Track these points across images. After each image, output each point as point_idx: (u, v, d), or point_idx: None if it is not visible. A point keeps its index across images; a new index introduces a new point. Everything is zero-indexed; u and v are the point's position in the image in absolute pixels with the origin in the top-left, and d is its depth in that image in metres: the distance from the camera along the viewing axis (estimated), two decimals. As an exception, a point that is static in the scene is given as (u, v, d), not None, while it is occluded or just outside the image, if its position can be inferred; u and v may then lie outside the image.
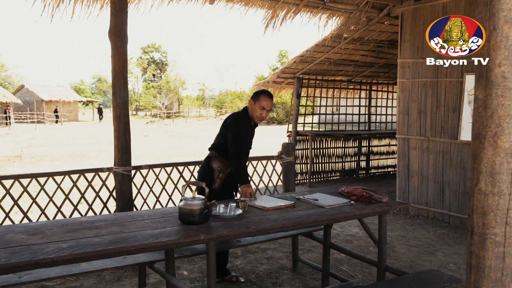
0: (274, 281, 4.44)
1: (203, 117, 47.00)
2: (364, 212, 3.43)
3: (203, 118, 45.48)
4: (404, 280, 3.29)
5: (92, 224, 3.03)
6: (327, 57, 8.78)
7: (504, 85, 1.34)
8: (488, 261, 1.39)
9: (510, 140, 1.35)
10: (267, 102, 3.97)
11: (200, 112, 50.12)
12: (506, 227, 1.37)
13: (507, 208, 1.37)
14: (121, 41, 4.89)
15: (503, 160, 1.35)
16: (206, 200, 3.01)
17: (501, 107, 1.35)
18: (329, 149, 10.07)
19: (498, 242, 1.38)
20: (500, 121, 1.35)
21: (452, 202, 6.41)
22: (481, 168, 1.39)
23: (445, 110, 6.41)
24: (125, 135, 4.95)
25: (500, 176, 1.36)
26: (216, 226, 3.00)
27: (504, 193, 1.36)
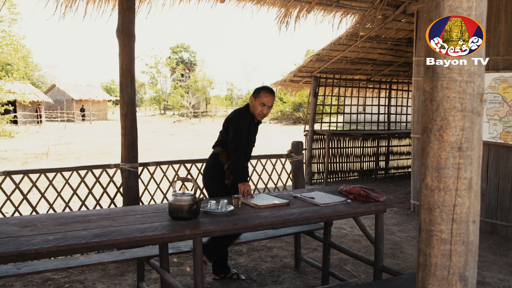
0: (275, 279, 4.43)
1: (230, 116, 47.08)
2: (359, 211, 3.38)
3: (230, 118, 45.58)
4: (398, 281, 3.23)
5: (84, 218, 3.08)
6: (343, 55, 8.68)
7: (450, 76, 1.30)
8: (434, 259, 1.35)
9: (456, 134, 1.30)
10: (267, 98, 3.92)
11: (227, 112, 50.33)
12: (452, 224, 1.33)
13: (454, 204, 1.32)
14: (128, 39, 4.96)
15: (449, 154, 1.31)
16: (195, 196, 3.03)
17: (447, 100, 1.30)
18: (347, 149, 9.97)
19: (444, 240, 1.34)
20: (446, 114, 1.31)
21: (467, 204, 6.24)
22: (428, 163, 1.35)
23: (460, 109, 6.25)
24: (131, 132, 5.03)
25: (446, 171, 1.32)
26: (204, 222, 3.01)
27: (450, 189, 1.32)
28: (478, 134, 1.33)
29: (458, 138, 1.30)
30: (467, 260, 1.34)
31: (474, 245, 1.36)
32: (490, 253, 5.24)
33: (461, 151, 1.30)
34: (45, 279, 4.40)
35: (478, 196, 1.35)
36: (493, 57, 5.82)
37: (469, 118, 1.30)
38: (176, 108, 52.43)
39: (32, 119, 32.82)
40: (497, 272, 4.65)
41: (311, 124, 9.36)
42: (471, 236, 1.35)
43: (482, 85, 1.33)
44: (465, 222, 1.33)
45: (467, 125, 1.30)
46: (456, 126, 1.30)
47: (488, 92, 5.88)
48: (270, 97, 3.93)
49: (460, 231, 1.33)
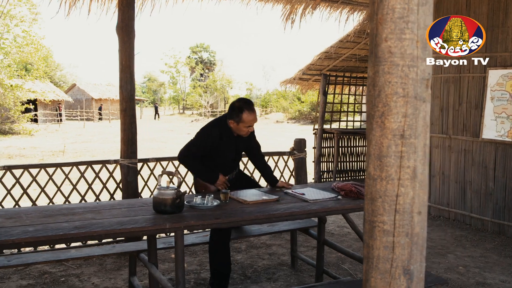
0: (270, 277, 4.39)
1: (248, 116, 47.11)
2: (347, 207, 3.32)
3: (247, 117, 45.60)
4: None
5: (70, 211, 3.09)
6: (352, 53, 8.58)
7: (391, 61, 1.24)
8: (377, 251, 1.30)
9: (398, 121, 1.25)
10: (251, 118, 3.62)
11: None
12: (395, 215, 1.28)
13: (396, 194, 1.27)
14: (128, 35, 4.98)
15: (391, 142, 1.26)
16: (178, 190, 3.01)
17: (388, 85, 1.25)
18: (357, 148, 9.84)
19: (387, 231, 1.28)
20: (387, 100, 1.25)
21: (474, 203, 6.10)
22: (370, 151, 1.30)
23: (467, 107, 6.11)
24: (131, 128, 5.04)
25: (388, 160, 1.26)
26: (187, 215, 2.99)
27: (392, 178, 1.26)
28: (424, 121, 1.27)
29: (401, 125, 1.25)
30: (411, 253, 1.29)
31: (420, 237, 1.31)
32: (494, 254, 5.11)
33: (404, 138, 1.25)
34: (42, 272, 4.45)
35: (424, 186, 1.29)
36: (501, 53, 5.67)
37: (412, 104, 1.25)
38: (195, 107, 52.68)
39: (52, 118, 33.35)
40: (499, 273, 4.53)
41: (321, 123, 9.26)
42: (416, 228, 1.29)
43: (428, 70, 1.27)
44: (409, 213, 1.27)
45: (410, 111, 1.25)
46: (398, 112, 1.25)
47: (496, 89, 5.73)
48: (253, 116, 3.63)
49: (403, 222, 1.27)
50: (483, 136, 5.89)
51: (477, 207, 6.06)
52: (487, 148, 5.90)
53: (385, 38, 1.24)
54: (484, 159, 5.93)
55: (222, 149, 3.71)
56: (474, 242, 5.51)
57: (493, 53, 5.75)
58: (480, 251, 5.20)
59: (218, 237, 3.68)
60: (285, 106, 41.40)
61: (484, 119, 5.86)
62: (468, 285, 4.24)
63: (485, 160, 5.93)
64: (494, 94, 5.76)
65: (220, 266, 3.72)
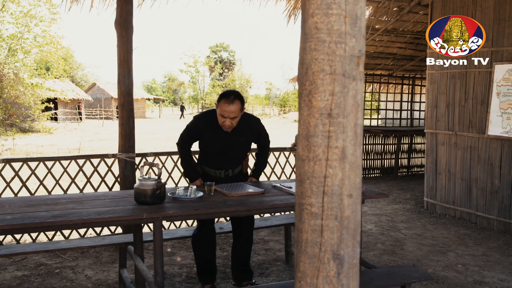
0: (263, 272, 4.36)
1: (267, 115, 47.20)
2: (332, 200, 3.26)
3: (266, 117, 45.67)
4: (369, 274, 3.10)
5: (54, 201, 3.11)
6: (361, 49, 8.46)
7: (317, 37, 1.20)
8: (305, 235, 1.25)
9: (325, 99, 1.20)
10: (226, 108, 3.43)
11: (264, 111, 50.38)
12: (323, 197, 1.23)
13: (324, 175, 1.22)
14: (126, 30, 5.01)
15: (318, 121, 1.21)
16: (159, 181, 3.00)
17: (315, 62, 1.20)
18: (367, 146, 9.72)
19: (315, 214, 1.24)
20: (314, 78, 1.21)
21: (479, 201, 5.96)
22: (299, 131, 1.26)
23: (473, 102, 5.97)
24: (128, 122, 5.07)
25: (315, 140, 1.22)
26: (168, 206, 2.98)
27: (320, 159, 1.22)
28: (354, 100, 1.22)
29: (328, 104, 1.20)
30: (341, 237, 1.24)
31: (352, 221, 1.26)
32: (497, 252, 4.97)
33: (331, 117, 1.21)
34: (38, 264, 4.50)
35: (355, 168, 1.24)
36: (507, 47, 5.52)
37: (339, 82, 1.20)
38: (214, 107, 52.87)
39: (72, 117, 33.89)
40: (499, 272, 4.41)
41: (329, 120, 9.17)
42: (347, 211, 1.24)
43: (359, 47, 1.22)
44: (338, 195, 1.23)
45: (337, 89, 1.20)
46: (325, 90, 1.20)
47: (502, 85, 5.58)
48: (229, 107, 3.41)
49: (332, 205, 1.23)
50: (489, 132, 5.75)
51: (482, 205, 5.92)
52: (493, 145, 5.75)
53: (312, 14, 1.20)
54: (490, 156, 5.79)
55: (207, 140, 3.65)
56: (477, 240, 5.38)
57: (499, 47, 5.61)
58: (483, 249, 5.07)
59: (200, 230, 3.67)
60: (303, 105, 41.15)
61: (490, 115, 5.71)
62: (465, 283, 4.14)
63: (491, 157, 5.78)
64: (500, 90, 5.62)
65: (201, 260, 3.69)
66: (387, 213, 6.64)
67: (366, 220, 6.20)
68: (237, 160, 3.83)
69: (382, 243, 5.23)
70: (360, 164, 1.27)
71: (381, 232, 5.65)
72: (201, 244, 3.65)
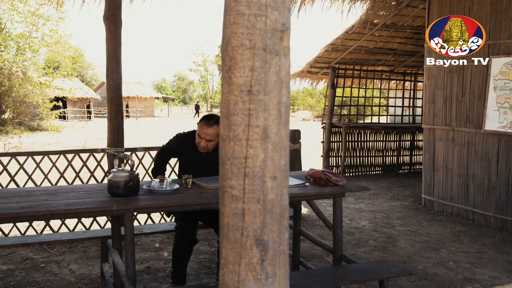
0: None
1: (275, 114, 46.94)
2: (311, 193, 3.19)
3: (274, 115, 45.45)
4: (347, 268, 3.02)
5: (28, 193, 3.08)
6: (360, 45, 8.36)
7: (237, 10, 1.13)
8: (227, 219, 1.19)
9: (245, 75, 1.14)
10: (203, 130, 3.52)
11: (272, 109, 50.13)
12: (244, 179, 1.17)
13: (245, 156, 1.16)
14: (114, 24, 4.97)
15: (238, 98, 1.15)
16: (131, 173, 2.96)
17: (234, 36, 1.14)
18: (368, 142, 9.60)
19: (236, 196, 1.18)
20: (234, 53, 1.14)
21: (477, 198, 5.83)
22: (221, 110, 1.20)
23: (470, 97, 5.85)
24: (117, 117, 5.03)
25: (235, 118, 1.15)
26: (141, 198, 2.94)
27: (240, 138, 1.16)
28: (277, 76, 1.16)
29: (248, 80, 1.14)
30: (264, 221, 1.18)
31: (277, 205, 1.19)
32: (492, 250, 4.86)
33: (252, 95, 1.14)
34: (25, 258, 4.47)
35: (280, 149, 1.18)
36: (504, 40, 5.40)
37: (260, 57, 1.14)
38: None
39: (81, 115, 34.09)
40: (491, 269, 4.30)
41: (329, 116, 9.09)
42: (270, 194, 1.18)
43: (282, 20, 1.16)
44: (260, 177, 1.16)
45: (257, 64, 1.14)
46: (244, 66, 1.14)
47: (499, 79, 5.46)
48: (207, 130, 3.51)
49: (253, 187, 1.16)
50: (486, 127, 5.62)
51: (480, 202, 5.80)
52: (490, 140, 5.63)
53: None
54: (487, 152, 5.66)
55: (188, 159, 3.67)
56: (473, 237, 5.27)
57: (496, 41, 5.48)
58: (477, 246, 4.96)
59: (178, 224, 3.61)
60: (311, 104, 40.99)
61: (487, 110, 5.59)
62: (455, 280, 4.04)
63: (488, 152, 5.66)
64: (497, 84, 5.49)
65: (174, 254, 3.61)
66: (384, 210, 6.54)
67: (360, 217, 6.11)
68: None
69: (374, 240, 5.14)
70: (287, 145, 1.20)
71: (375, 229, 5.56)
72: (177, 238, 3.57)
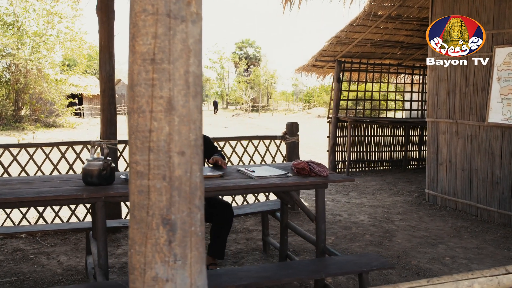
0: (237, 261, 4.23)
1: (291, 111, 46.89)
2: (290, 183, 3.10)
3: (290, 112, 45.40)
4: (327, 261, 2.93)
5: (5, 182, 3.07)
6: (365, 37, 8.20)
7: (138, -27, 1.06)
8: (132, 197, 1.12)
9: (148, 43, 1.06)
10: None
11: (288, 106, 50.07)
12: (149, 154, 1.09)
13: (149, 129, 1.08)
14: (106, 16, 4.95)
15: (141, 68, 1.07)
16: (105, 161, 2.91)
17: (137, 1, 1.07)
18: (375, 137, 9.43)
19: (141, 173, 1.10)
20: (136, 19, 1.07)
21: (480, 193, 5.66)
22: (128, 81, 1.12)
23: (473, 89, 5.67)
24: (110, 109, 5.01)
25: (139, 89, 1.08)
26: (116, 187, 2.88)
27: (143, 110, 1.08)
28: (183, 44, 1.08)
29: (150, 48, 1.06)
30: (171, 200, 1.10)
31: (185, 182, 1.11)
32: (492, 245, 4.70)
33: (155, 63, 1.06)
34: (16, 249, 4.48)
35: (189, 122, 1.10)
36: (508, 29, 5.21)
37: (163, 23, 1.06)
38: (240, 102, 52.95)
39: (97, 112, 34.41)
40: (488, 265, 4.15)
41: (335, 111, 8.95)
42: (177, 171, 1.10)
43: (189, -15, 1.08)
44: (165, 152, 1.08)
45: (160, 31, 1.06)
46: (147, 33, 1.06)
47: (503, 69, 5.27)
48: None
49: (158, 163, 1.09)
50: (489, 120, 5.44)
51: (483, 197, 5.62)
52: (493, 133, 5.45)
53: None
54: (491, 145, 5.49)
55: None
56: (474, 233, 5.11)
57: (500, 30, 5.30)
58: (477, 242, 4.80)
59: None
60: (327, 100, 40.75)
61: (490, 101, 5.41)
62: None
63: (491, 146, 5.48)
64: (500, 74, 5.31)
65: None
66: (386, 205, 6.40)
67: (360, 211, 5.99)
68: None
69: (370, 234, 5.02)
70: (197, 119, 1.12)
71: (373, 224, 5.43)
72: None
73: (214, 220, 3.67)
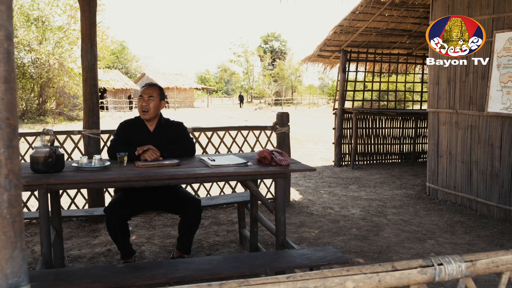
0: (211, 253, 4.12)
1: (315, 104, 46.47)
2: (244, 172, 2.96)
3: (314, 106, 44.98)
4: (278, 254, 2.78)
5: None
6: (369, 26, 7.93)
7: None
8: None
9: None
10: (144, 91, 3.67)
11: (312, 100, 49.64)
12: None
13: None
14: (88, 4, 4.90)
15: None
16: (51, 148, 2.83)
17: None
18: (382, 129, 9.16)
19: None
20: None
21: (480, 186, 5.38)
22: None
23: (474, 76, 5.38)
24: (92, 98, 4.97)
25: None
26: (64, 175, 2.81)
27: None
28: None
29: None
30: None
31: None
32: (485, 242, 4.45)
33: None
34: None
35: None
36: (509, 13, 4.91)
37: None
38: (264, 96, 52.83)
39: (120, 106, 34.86)
40: (474, 262, 3.91)
41: (341, 102, 8.72)
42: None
43: None
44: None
45: None
46: None
47: (503, 55, 4.98)
48: (147, 89, 3.66)
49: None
50: (489, 109, 5.16)
51: (483, 190, 5.35)
52: (493, 124, 5.16)
53: None
54: (490, 136, 5.20)
55: (138, 143, 3.45)
56: (469, 228, 4.86)
57: (501, 14, 5.00)
58: (470, 238, 4.56)
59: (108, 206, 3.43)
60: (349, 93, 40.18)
61: (490, 89, 5.12)
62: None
63: (491, 137, 5.19)
64: (500, 61, 5.02)
65: (109, 232, 3.43)
66: (383, 198, 6.17)
67: (354, 205, 5.79)
68: None
69: (358, 228, 4.83)
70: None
71: (363, 217, 5.23)
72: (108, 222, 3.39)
73: (182, 215, 3.55)
